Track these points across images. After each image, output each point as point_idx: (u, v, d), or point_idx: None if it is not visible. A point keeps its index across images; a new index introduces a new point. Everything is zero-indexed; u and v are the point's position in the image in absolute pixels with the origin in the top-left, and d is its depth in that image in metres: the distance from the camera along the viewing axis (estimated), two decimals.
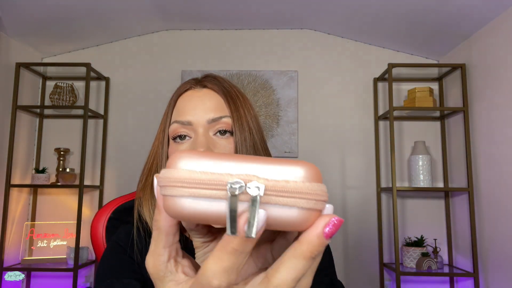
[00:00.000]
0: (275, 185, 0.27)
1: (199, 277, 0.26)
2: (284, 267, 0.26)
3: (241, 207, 0.26)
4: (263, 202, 0.27)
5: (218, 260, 0.25)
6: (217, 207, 0.27)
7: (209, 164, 0.28)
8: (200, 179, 0.27)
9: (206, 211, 0.27)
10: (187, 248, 0.66)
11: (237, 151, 0.65)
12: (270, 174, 0.27)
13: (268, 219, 0.27)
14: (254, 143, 0.67)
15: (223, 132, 0.65)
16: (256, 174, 0.27)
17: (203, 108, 0.66)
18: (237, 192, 0.26)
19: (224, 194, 0.26)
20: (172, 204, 0.28)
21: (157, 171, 0.69)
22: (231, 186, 0.26)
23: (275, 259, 0.35)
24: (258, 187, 0.26)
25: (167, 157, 0.68)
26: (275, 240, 0.35)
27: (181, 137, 0.66)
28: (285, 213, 0.27)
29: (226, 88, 0.69)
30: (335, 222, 0.27)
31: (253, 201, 0.26)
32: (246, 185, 0.26)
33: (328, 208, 0.29)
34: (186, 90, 0.70)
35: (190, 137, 0.66)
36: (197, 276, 0.26)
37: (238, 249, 0.25)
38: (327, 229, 0.26)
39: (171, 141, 0.67)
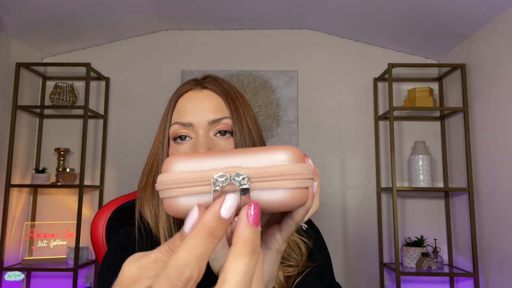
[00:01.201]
0: (257, 172, 0.29)
1: (168, 271, 0.24)
2: (230, 273, 0.24)
3: (230, 197, 0.28)
4: (250, 189, 0.29)
5: (191, 247, 0.24)
6: (208, 201, 0.29)
7: (197, 163, 0.30)
8: (190, 178, 0.29)
9: None
10: None
11: None
12: (253, 163, 0.30)
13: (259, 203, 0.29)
14: (253, 143, 0.68)
15: (223, 133, 0.66)
16: (239, 165, 0.29)
17: (203, 109, 0.66)
18: (223, 184, 0.28)
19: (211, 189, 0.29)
20: (171, 205, 0.30)
21: (158, 171, 0.69)
22: (216, 180, 0.28)
23: (283, 239, 0.38)
24: (242, 177, 0.28)
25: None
26: (282, 221, 0.38)
27: (182, 137, 0.66)
28: (272, 195, 0.29)
29: (226, 89, 0.69)
30: (253, 205, 0.26)
31: (242, 189, 0.28)
32: (230, 176, 0.28)
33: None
34: (186, 91, 0.70)
35: (191, 138, 0.66)
36: (164, 272, 0.24)
37: (213, 233, 0.25)
38: (250, 218, 0.26)
39: (171, 141, 0.68)
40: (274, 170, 0.29)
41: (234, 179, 0.28)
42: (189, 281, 0.23)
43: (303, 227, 0.73)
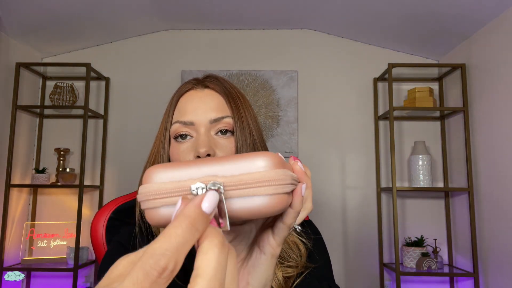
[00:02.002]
0: (233, 180, 0.30)
1: (144, 258, 0.23)
2: (202, 267, 0.24)
3: (211, 193, 0.29)
4: (226, 198, 0.29)
5: (170, 237, 0.24)
6: None
7: (176, 173, 0.31)
8: (168, 188, 0.30)
9: None
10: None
11: (237, 150, 0.66)
12: (230, 170, 0.30)
13: (237, 211, 0.30)
14: (254, 143, 0.68)
15: (224, 132, 0.66)
16: (216, 174, 0.30)
17: (205, 108, 0.66)
18: (199, 193, 0.29)
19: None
20: (152, 215, 0.31)
21: None
22: (193, 189, 0.29)
23: (277, 243, 0.39)
24: (217, 186, 0.29)
25: (168, 156, 0.69)
26: (274, 225, 0.38)
27: (183, 136, 0.66)
28: (249, 203, 0.30)
29: (227, 89, 0.69)
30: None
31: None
32: (207, 185, 0.29)
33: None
34: (187, 90, 0.70)
35: (192, 137, 0.66)
36: (140, 259, 0.23)
37: (194, 224, 0.25)
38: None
39: (172, 140, 0.68)
40: (250, 177, 0.29)
41: (210, 188, 0.29)
42: (164, 270, 0.23)
43: (297, 229, 0.73)
